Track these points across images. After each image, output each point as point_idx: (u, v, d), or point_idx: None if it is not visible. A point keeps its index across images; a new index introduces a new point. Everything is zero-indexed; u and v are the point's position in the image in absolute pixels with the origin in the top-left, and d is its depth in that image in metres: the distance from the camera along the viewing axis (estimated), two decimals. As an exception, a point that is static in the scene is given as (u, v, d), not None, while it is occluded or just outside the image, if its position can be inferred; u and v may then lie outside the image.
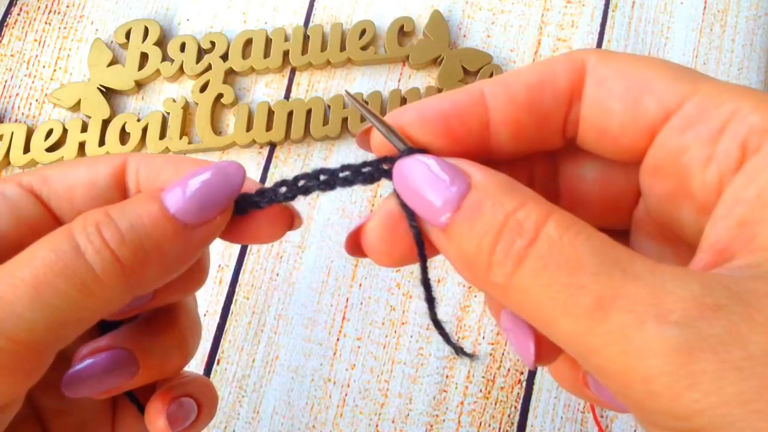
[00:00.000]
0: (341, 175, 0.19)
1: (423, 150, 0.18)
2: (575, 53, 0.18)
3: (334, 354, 0.39)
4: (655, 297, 0.13)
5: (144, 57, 0.43)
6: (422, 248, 0.18)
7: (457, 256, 0.16)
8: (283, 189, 0.20)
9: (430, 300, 0.19)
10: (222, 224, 0.19)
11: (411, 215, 0.18)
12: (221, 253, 0.41)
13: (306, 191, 0.19)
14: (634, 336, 0.13)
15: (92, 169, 0.20)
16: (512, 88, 0.18)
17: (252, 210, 0.19)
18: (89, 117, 0.42)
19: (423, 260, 0.18)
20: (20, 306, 0.15)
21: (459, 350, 0.19)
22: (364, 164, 0.19)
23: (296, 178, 0.19)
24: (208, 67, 0.43)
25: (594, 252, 0.14)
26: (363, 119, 0.19)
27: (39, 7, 0.45)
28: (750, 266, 0.14)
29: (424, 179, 0.17)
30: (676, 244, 0.19)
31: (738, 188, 0.15)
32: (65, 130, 0.42)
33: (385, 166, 0.19)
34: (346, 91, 0.21)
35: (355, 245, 0.19)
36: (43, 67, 0.44)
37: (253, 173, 0.42)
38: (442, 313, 0.40)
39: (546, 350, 0.18)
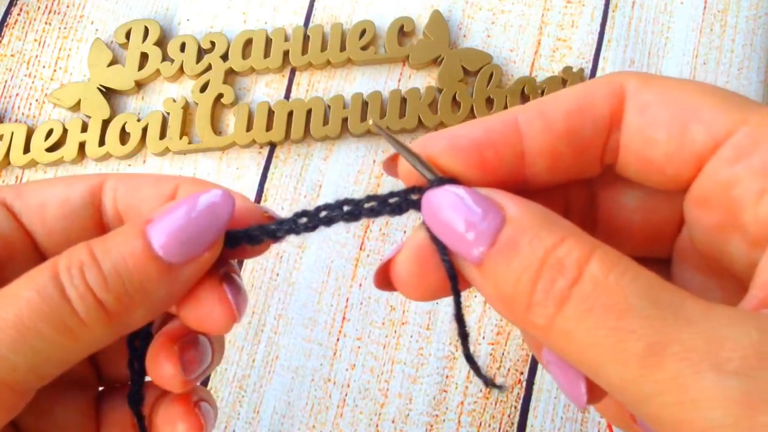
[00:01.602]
0: (366, 205, 0.18)
1: (453, 180, 0.17)
2: (613, 76, 0.17)
3: (334, 354, 0.39)
4: (710, 343, 0.13)
5: (144, 57, 0.43)
6: (455, 282, 0.17)
7: (493, 293, 0.16)
8: (304, 219, 0.19)
9: (464, 336, 0.18)
10: (210, 260, 0.18)
11: (443, 249, 0.17)
12: (221, 253, 0.41)
13: (329, 222, 0.18)
14: (691, 385, 0.13)
15: (69, 186, 0.20)
16: (549, 116, 0.17)
17: (244, 244, 0.18)
18: (89, 117, 0.42)
19: (457, 295, 0.17)
20: (3, 348, 0.15)
21: (490, 383, 0.18)
22: (391, 194, 0.18)
23: (318, 209, 0.19)
24: (208, 67, 0.43)
25: (642, 293, 0.14)
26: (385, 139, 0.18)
27: (39, 7, 0.45)
28: None
29: (455, 211, 0.16)
30: (722, 277, 0.18)
31: None
32: (65, 130, 0.42)
33: (414, 197, 0.18)
34: (373, 122, 0.20)
35: (385, 279, 0.18)
36: (43, 67, 0.44)
37: (253, 173, 0.42)
38: (442, 313, 0.40)
39: (597, 390, 0.16)
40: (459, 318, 0.18)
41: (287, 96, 0.44)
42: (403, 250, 0.17)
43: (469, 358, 0.18)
